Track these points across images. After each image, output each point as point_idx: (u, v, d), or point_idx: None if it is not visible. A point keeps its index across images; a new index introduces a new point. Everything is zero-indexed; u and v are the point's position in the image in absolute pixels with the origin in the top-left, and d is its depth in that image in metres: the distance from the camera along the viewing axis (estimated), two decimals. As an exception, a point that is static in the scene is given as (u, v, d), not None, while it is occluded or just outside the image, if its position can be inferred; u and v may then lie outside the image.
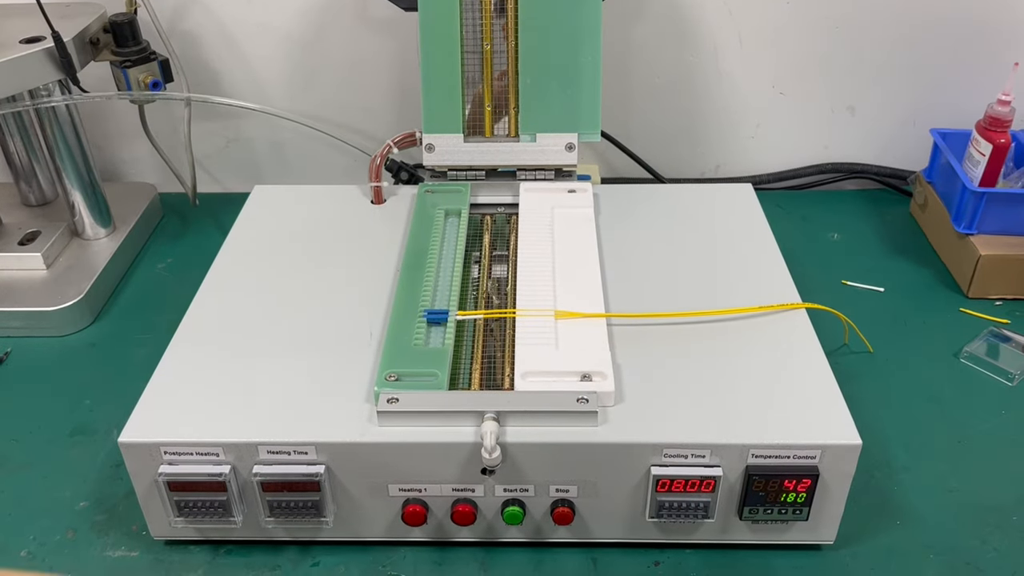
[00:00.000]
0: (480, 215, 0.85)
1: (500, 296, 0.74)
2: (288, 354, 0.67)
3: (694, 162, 1.11)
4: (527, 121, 0.85)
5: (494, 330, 0.70)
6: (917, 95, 1.04)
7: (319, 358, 0.67)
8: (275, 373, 0.65)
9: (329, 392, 0.63)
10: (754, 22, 1.01)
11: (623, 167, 1.08)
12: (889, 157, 1.09)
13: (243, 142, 1.10)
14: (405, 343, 0.65)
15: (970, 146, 0.92)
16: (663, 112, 1.07)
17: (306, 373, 0.65)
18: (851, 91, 1.05)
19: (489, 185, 0.86)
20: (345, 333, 0.69)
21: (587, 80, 0.84)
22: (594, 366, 0.62)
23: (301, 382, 0.64)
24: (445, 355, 0.64)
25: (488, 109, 0.85)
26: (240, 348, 0.68)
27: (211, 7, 1.01)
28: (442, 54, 0.83)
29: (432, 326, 0.68)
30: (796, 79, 1.04)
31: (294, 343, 0.68)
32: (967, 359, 0.81)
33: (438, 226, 0.80)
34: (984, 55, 1.01)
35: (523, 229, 0.79)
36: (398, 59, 1.04)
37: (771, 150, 1.10)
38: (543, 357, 0.64)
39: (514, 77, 0.84)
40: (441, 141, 0.85)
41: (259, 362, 0.66)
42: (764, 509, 0.60)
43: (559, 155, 0.85)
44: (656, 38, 1.02)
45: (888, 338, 0.85)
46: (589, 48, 0.83)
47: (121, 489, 0.70)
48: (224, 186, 1.14)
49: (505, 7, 0.83)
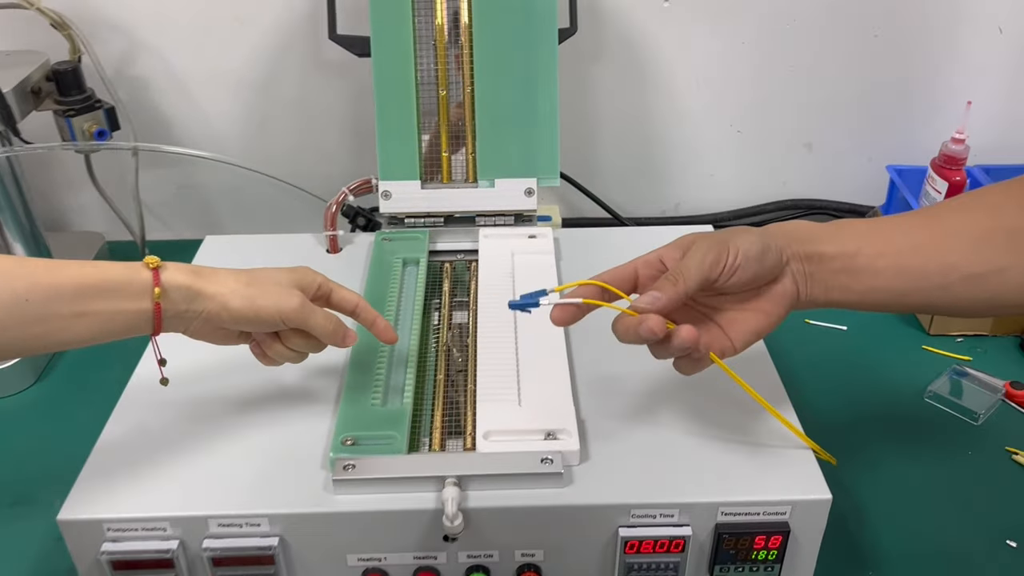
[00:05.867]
0: (439, 262, 0.83)
1: (461, 348, 0.72)
2: (239, 419, 0.64)
3: (654, 200, 1.11)
4: (485, 166, 0.83)
5: (456, 382, 0.68)
6: (872, 131, 1.05)
7: (272, 422, 0.64)
8: (225, 440, 0.62)
9: (283, 459, 0.60)
10: (711, 62, 1.01)
11: (584, 207, 1.08)
12: (846, 192, 1.09)
13: (195, 188, 1.08)
14: (362, 403, 0.63)
15: (926, 183, 0.92)
16: (622, 151, 1.07)
17: (258, 439, 0.62)
18: (807, 128, 1.06)
19: (448, 231, 0.85)
20: (300, 395, 0.67)
21: (544, 124, 0.83)
22: (558, 423, 0.60)
23: (253, 449, 0.61)
24: (403, 415, 0.62)
25: (445, 155, 0.84)
26: (188, 413, 0.65)
27: (161, 52, 0.99)
28: (397, 100, 0.82)
29: (391, 385, 0.65)
30: (753, 117, 1.05)
31: (245, 407, 0.65)
32: (931, 398, 0.81)
33: (396, 276, 0.78)
34: (937, 92, 1.03)
35: (483, 277, 0.77)
36: (353, 102, 1.02)
37: (730, 187, 1.10)
38: (505, 414, 0.62)
39: (471, 122, 0.83)
40: (398, 188, 0.83)
41: (208, 428, 0.63)
42: (735, 567, 0.59)
43: (518, 200, 0.84)
44: (614, 78, 1.02)
45: (852, 378, 0.84)
46: (546, 92, 0.82)
47: (63, 565, 0.66)
48: (176, 232, 1.11)
49: (460, 52, 0.82)
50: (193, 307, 0.57)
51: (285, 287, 0.60)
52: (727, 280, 0.55)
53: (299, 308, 0.59)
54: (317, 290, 0.62)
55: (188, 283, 0.57)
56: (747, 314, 0.58)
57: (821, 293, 0.58)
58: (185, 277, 0.57)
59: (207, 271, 0.59)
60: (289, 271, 0.62)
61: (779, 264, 0.57)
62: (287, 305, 0.59)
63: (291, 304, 0.59)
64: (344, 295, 0.64)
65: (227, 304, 0.58)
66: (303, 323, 0.60)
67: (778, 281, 0.57)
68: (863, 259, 0.57)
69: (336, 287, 0.64)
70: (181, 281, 0.57)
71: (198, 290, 0.57)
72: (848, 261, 0.57)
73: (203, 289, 0.57)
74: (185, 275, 0.57)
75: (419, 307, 0.74)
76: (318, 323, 0.60)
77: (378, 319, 0.65)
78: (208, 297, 0.57)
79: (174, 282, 0.56)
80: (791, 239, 0.58)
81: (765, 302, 0.57)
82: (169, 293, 0.56)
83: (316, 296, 0.62)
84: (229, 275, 0.59)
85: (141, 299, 0.55)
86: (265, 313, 0.58)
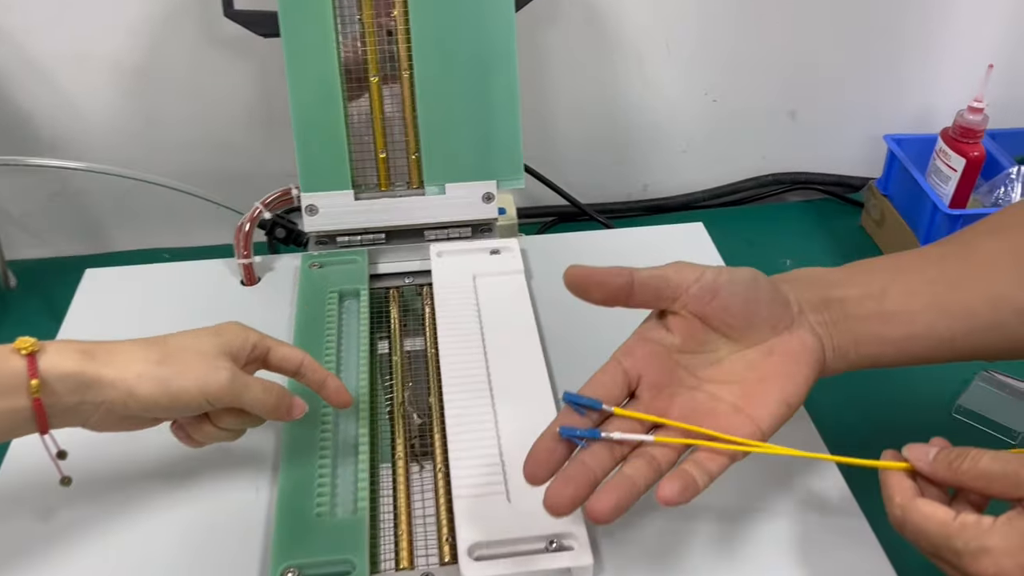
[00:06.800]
0: (383, 290, 0.68)
1: (422, 410, 0.58)
2: (135, 530, 0.49)
3: (620, 182, 0.97)
4: (433, 169, 0.68)
5: (422, 467, 0.54)
6: (865, 97, 0.93)
7: (183, 538, 0.49)
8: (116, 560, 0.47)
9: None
10: (683, 22, 0.87)
11: (542, 195, 0.93)
12: (835, 165, 0.97)
13: (72, 196, 0.89)
14: (304, 512, 0.48)
15: (936, 159, 0.81)
16: (582, 128, 0.93)
17: (164, 562, 0.47)
18: (791, 94, 0.93)
19: (391, 250, 0.69)
20: (219, 495, 0.51)
21: (503, 113, 0.67)
22: (562, 523, 0.47)
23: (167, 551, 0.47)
24: (361, 529, 0.47)
25: (382, 157, 0.68)
26: (65, 525, 0.49)
27: (14, 36, 0.79)
28: (316, 92, 0.65)
29: (338, 480, 0.51)
30: (731, 84, 0.91)
31: (146, 510, 0.50)
32: (961, 414, 0.71)
33: (332, 315, 0.62)
34: (939, 50, 0.91)
35: (441, 312, 0.62)
36: (260, 83, 0.84)
37: (704, 164, 0.96)
38: (493, 515, 0.48)
39: (412, 115, 0.67)
40: (325, 200, 0.67)
41: (91, 539, 0.48)
42: None
43: (475, 208, 0.69)
44: (572, 44, 0.87)
45: (870, 389, 0.73)
46: (503, 72, 0.67)
47: None
48: (55, 248, 0.91)
49: (395, 30, 0.65)
50: (88, 398, 0.44)
51: (210, 358, 0.46)
52: (708, 303, 0.45)
53: (229, 385, 0.46)
54: (251, 352, 0.49)
55: (78, 369, 0.43)
56: (766, 384, 0.46)
57: (851, 345, 0.48)
58: (73, 362, 0.43)
59: (103, 349, 0.45)
60: (213, 333, 0.48)
61: (781, 302, 0.47)
62: (214, 384, 0.46)
63: (218, 381, 0.46)
64: (285, 353, 0.51)
65: (134, 391, 0.44)
66: (236, 401, 0.47)
67: (792, 332, 0.46)
68: (894, 300, 0.47)
69: (275, 344, 0.51)
70: (68, 368, 0.43)
71: (92, 377, 0.44)
72: (876, 304, 0.47)
73: (99, 375, 0.44)
74: (73, 359, 0.43)
75: (364, 356, 0.59)
76: (255, 399, 0.47)
77: (329, 379, 0.52)
78: (107, 385, 0.44)
79: (58, 370, 0.43)
80: (800, 284, 0.48)
81: (783, 362, 0.46)
82: (52, 385, 0.43)
83: (251, 359, 0.49)
84: (135, 350, 0.46)
85: (15, 396, 0.42)
86: (186, 397, 0.45)
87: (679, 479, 0.42)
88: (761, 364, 0.46)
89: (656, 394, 0.46)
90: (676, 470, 0.43)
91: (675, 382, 0.46)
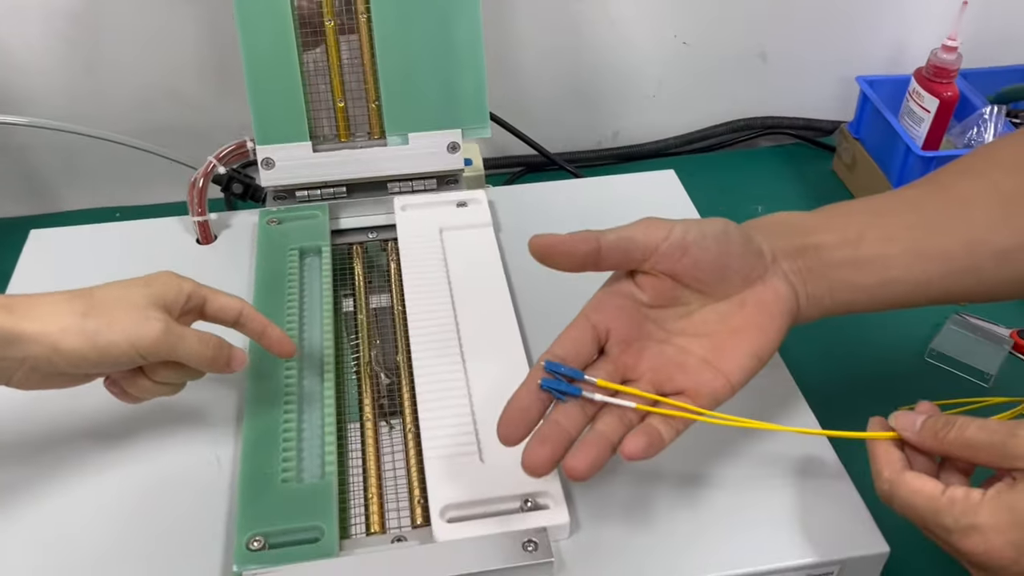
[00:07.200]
0: (346, 246, 0.65)
1: (389, 369, 0.56)
2: (97, 508, 0.47)
3: (589, 130, 0.94)
4: (394, 118, 0.65)
5: (390, 422, 0.52)
6: (836, 37, 0.91)
7: (136, 506, 0.47)
8: (79, 539, 0.45)
9: (164, 569, 0.44)
10: (651, -40, 0.84)
11: (508, 144, 0.90)
12: (807, 108, 0.96)
13: (14, 152, 0.84)
14: (269, 479, 0.47)
15: (909, 100, 0.79)
16: (548, 74, 0.90)
17: (126, 540, 0.45)
18: (761, 35, 0.91)
19: (353, 203, 0.67)
20: (178, 465, 0.49)
21: (467, 57, 0.65)
22: (537, 484, 0.46)
23: (118, 555, 0.45)
24: (329, 494, 0.46)
25: (341, 106, 0.65)
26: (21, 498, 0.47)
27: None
28: (269, 38, 0.62)
29: (304, 444, 0.49)
30: (701, 25, 0.89)
31: (104, 488, 0.48)
32: (934, 358, 0.70)
33: (293, 273, 0.60)
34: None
35: (407, 268, 0.60)
36: (210, 27, 0.80)
37: (674, 109, 0.94)
38: (465, 475, 0.46)
39: (371, 61, 0.64)
40: (282, 153, 0.64)
41: (21, 505, 0.46)
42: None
43: (440, 158, 0.66)
44: (536, -15, 0.83)
45: (842, 336, 0.72)
46: (466, 16, 0.64)
47: None
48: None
49: (349, -31, 0.62)
50: (9, 354, 0.41)
51: (140, 308, 0.44)
52: (679, 261, 0.44)
53: (162, 337, 0.44)
54: (186, 302, 0.47)
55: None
56: (737, 337, 0.45)
57: (825, 293, 0.47)
58: None
59: (23, 302, 0.42)
60: (143, 284, 0.46)
61: (753, 252, 0.45)
62: (146, 336, 0.43)
63: (150, 334, 0.43)
64: (223, 303, 0.49)
65: (58, 346, 0.42)
66: (170, 354, 0.45)
67: (765, 282, 0.45)
68: (870, 246, 0.46)
69: (211, 293, 0.48)
70: None
71: (11, 332, 0.41)
72: (852, 250, 0.46)
73: (19, 330, 0.41)
74: None
75: (328, 315, 0.57)
76: (191, 350, 0.45)
77: (269, 328, 0.50)
78: (29, 340, 0.42)
79: None
80: (774, 232, 0.47)
81: (755, 314, 0.45)
82: None
83: (186, 310, 0.47)
84: (58, 303, 0.43)
85: None
86: (116, 351, 0.43)
87: (644, 435, 0.41)
88: (733, 316, 0.45)
89: (625, 348, 0.44)
90: (642, 425, 0.42)
91: (644, 336, 0.45)
